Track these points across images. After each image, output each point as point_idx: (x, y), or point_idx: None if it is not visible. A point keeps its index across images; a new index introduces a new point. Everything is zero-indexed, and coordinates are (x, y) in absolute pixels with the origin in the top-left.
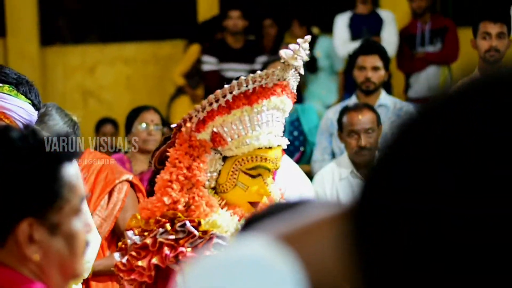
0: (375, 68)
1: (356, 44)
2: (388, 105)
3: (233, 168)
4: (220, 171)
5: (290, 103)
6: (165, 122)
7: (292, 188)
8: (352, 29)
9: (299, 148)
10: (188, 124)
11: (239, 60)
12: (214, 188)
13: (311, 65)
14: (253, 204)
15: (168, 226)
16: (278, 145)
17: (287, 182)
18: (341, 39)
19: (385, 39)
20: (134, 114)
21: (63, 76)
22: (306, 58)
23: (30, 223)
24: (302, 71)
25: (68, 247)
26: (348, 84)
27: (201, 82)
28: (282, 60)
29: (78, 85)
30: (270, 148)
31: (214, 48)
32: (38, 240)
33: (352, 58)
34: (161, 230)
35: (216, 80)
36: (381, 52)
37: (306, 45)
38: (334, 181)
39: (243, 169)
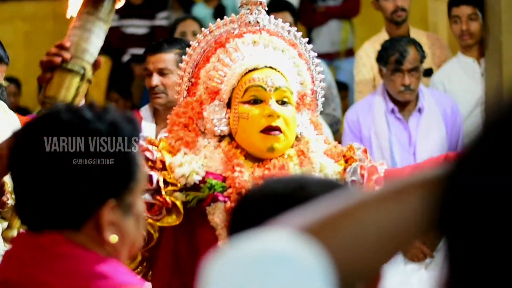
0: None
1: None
2: None
3: (234, 106)
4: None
5: (278, 40)
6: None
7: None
8: None
9: None
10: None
11: (140, 16)
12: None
13: (220, 13)
14: (265, 131)
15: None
16: (265, 66)
17: None
18: None
19: None
20: None
21: None
22: None
23: (112, 206)
24: (265, 5)
25: (137, 226)
26: None
27: None
28: (241, 3)
29: None
30: (256, 69)
31: None
32: (115, 221)
33: None
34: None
35: (117, 37)
36: (291, 9)
37: None
38: None
39: (239, 100)
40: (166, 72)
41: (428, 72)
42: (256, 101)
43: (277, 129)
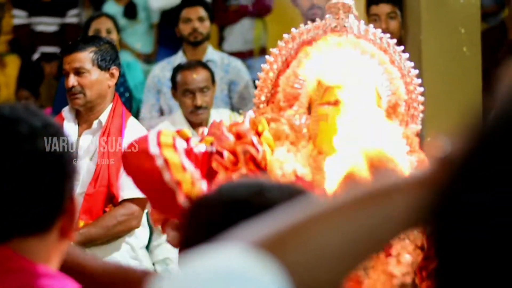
0: (201, 19)
1: None
2: (216, 60)
3: (313, 110)
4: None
5: (366, 44)
6: None
7: None
8: None
9: (126, 104)
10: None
11: (49, 14)
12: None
13: (131, 11)
14: None
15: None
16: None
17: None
18: None
19: None
20: None
21: None
22: None
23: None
24: (352, 10)
25: None
26: (163, 37)
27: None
28: (327, 7)
29: None
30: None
31: (23, 2)
32: None
33: (175, 13)
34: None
35: (26, 34)
36: (204, 4)
37: None
38: None
39: (319, 102)
40: (82, 71)
41: None
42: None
43: None
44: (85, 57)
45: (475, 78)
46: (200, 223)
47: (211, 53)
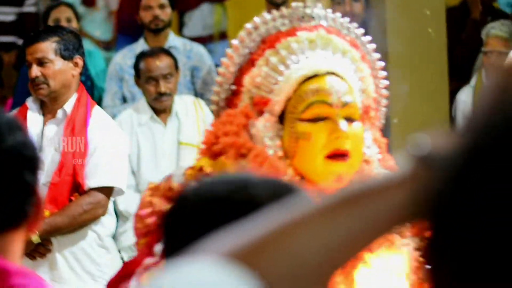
0: (162, 6)
1: None
2: (178, 46)
3: (290, 123)
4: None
5: (338, 40)
6: None
7: (107, 141)
8: None
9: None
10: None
11: (7, 3)
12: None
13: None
14: (332, 157)
15: None
16: (328, 72)
17: (101, 135)
18: None
19: None
20: None
21: None
22: None
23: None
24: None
25: None
26: (122, 24)
27: None
28: None
29: None
30: (317, 76)
31: None
32: None
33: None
34: None
35: None
36: None
37: None
38: (133, 127)
39: (298, 117)
40: (45, 61)
41: None
42: (318, 118)
43: (346, 154)
44: (48, 47)
45: (440, 59)
46: (179, 224)
47: (173, 40)
